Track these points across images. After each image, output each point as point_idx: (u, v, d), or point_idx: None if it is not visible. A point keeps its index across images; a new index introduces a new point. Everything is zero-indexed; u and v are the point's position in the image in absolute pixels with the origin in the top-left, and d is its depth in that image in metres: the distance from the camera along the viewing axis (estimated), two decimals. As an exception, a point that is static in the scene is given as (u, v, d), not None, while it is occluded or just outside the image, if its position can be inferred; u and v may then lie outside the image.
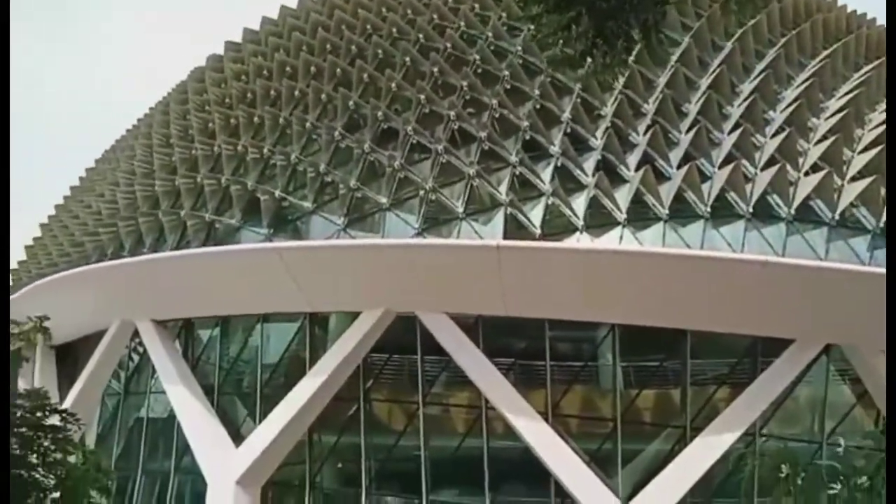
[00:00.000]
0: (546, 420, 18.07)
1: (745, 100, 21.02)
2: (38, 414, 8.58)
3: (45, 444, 8.52)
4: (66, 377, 24.69)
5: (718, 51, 22.82)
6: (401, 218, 19.50)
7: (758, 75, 21.96)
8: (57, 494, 8.85)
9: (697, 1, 22.80)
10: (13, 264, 29.04)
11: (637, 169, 19.12)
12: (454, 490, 20.06)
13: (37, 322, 9.48)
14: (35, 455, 8.40)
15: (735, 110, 20.90)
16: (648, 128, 20.11)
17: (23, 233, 29.80)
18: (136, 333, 22.66)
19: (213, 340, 22.17)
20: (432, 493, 19.24)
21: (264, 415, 19.81)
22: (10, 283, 27.99)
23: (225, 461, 19.45)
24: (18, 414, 8.49)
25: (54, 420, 8.76)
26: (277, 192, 20.56)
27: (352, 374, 19.62)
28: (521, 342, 19.56)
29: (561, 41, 6.06)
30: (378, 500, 20.25)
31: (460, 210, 18.84)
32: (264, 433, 19.29)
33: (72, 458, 8.72)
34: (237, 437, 20.18)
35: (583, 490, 17.34)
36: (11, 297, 25.08)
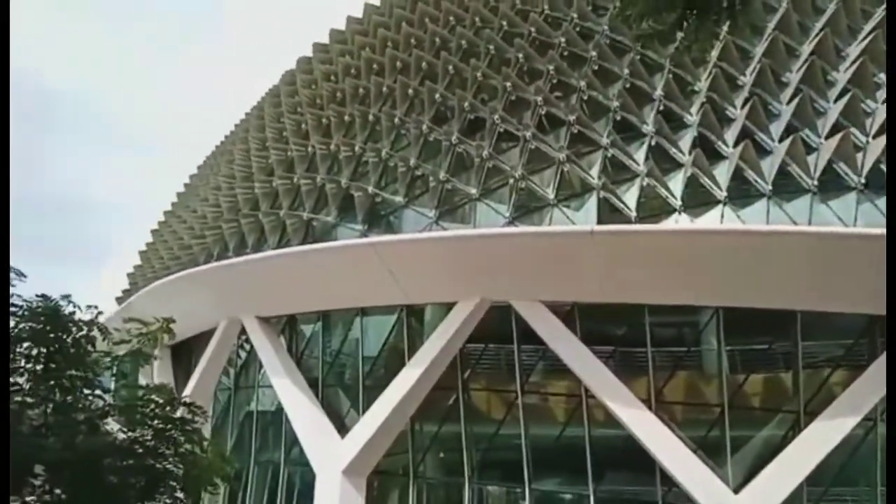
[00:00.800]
0: (649, 408, 17.63)
1: (851, 64, 19.71)
2: (168, 408, 9.10)
3: (176, 435, 9.04)
4: (182, 374, 26.16)
5: (820, 14, 21.52)
6: (491, 207, 19.45)
7: (865, 37, 20.53)
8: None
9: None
10: (129, 269, 30.99)
11: (736, 144, 18.30)
12: (557, 479, 19.92)
13: (163, 322, 10.03)
14: (167, 446, 8.95)
15: (841, 76, 19.64)
16: (746, 101, 19.19)
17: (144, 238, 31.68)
18: (243, 330, 23.71)
19: (316, 335, 22.86)
20: (535, 482, 19.17)
21: (367, 406, 20.29)
22: (128, 286, 29.87)
23: (331, 452, 20.07)
24: (151, 407, 9.08)
25: (182, 412, 9.28)
26: (370, 188, 20.94)
27: (450, 365, 19.80)
28: (619, 329, 19.13)
29: (649, 16, 5.86)
30: (481, 489, 20.37)
31: (551, 196, 18.60)
32: (367, 424, 19.75)
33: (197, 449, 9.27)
34: (342, 428, 20.77)
35: (690, 479, 16.81)
36: (130, 300, 26.76)
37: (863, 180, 17.27)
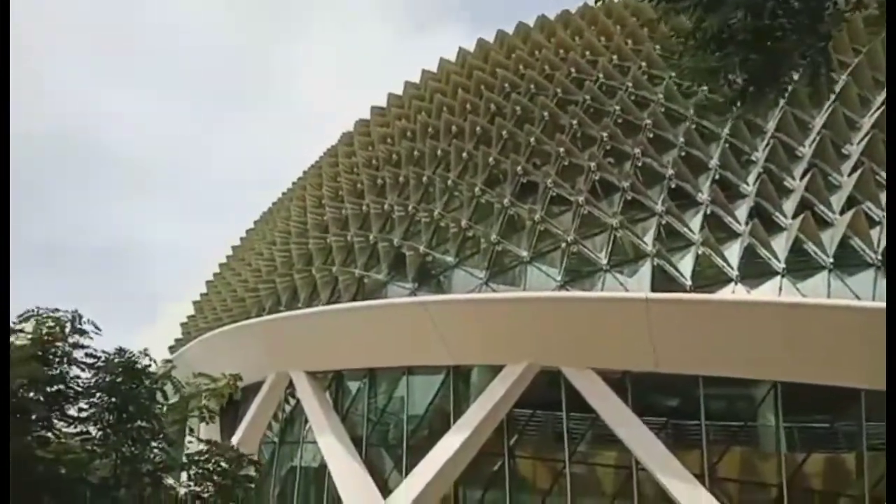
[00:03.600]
0: (703, 483, 16.99)
1: (916, 137, 19.36)
2: (232, 465, 9.22)
3: (240, 493, 9.12)
4: (227, 426, 26.26)
5: (881, 87, 21.30)
6: (542, 271, 19.41)
7: (929, 111, 20.20)
8: None
9: (855, 36, 21.49)
10: (183, 318, 31.65)
11: (795, 216, 18.01)
12: (604, 554, 19.20)
13: (230, 378, 10.24)
14: (226, 502, 9.04)
15: (905, 149, 19.29)
16: (805, 171, 18.98)
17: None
18: (290, 384, 23.82)
19: (362, 392, 22.82)
20: (581, 557, 18.51)
21: (410, 467, 20.01)
22: (181, 335, 30.46)
23: (373, 513, 19.76)
24: (215, 462, 9.19)
25: (249, 471, 9.37)
26: (422, 248, 21.15)
27: (496, 430, 19.47)
28: (672, 400, 18.65)
29: (706, 86, 5.89)
30: (525, 560, 19.74)
31: (604, 261, 18.50)
32: (411, 486, 19.43)
33: None
34: (384, 489, 20.46)
35: (747, 562, 16.03)
36: (182, 350, 27.22)
37: (929, 256, 16.72)
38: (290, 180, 33.33)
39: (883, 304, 16.06)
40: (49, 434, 9.10)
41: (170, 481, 9.31)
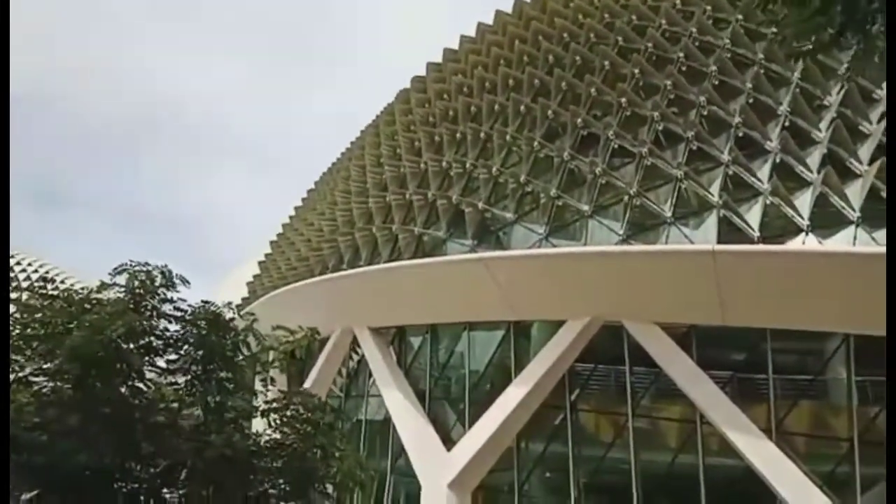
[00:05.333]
0: (770, 438, 16.74)
1: None
2: (314, 413, 9.60)
3: (323, 440, 9.50)
4: (294, 383, 27.09)
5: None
6: (604, 225, 19.13)
7: None
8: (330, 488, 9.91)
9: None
10: (249, 277, 32.56)
11: (871, 162, 17.19)
12: (667, 507, 19.21)
13: (308, 331, 10.64)
14: (311, 449, 9.43)
15: None
16: (882, 116, 18.02)
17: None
18: (354, 340, 24.36)
19: (424, 347, 23.17)
20: (644, 509, 18.57)
21: (473, 420, 20.32)
22: (247, 294, 31.38)
23: (437, 465, 20.21)
24: (297, 410, 9.61)
25: (330, 418, 9.75)
26: (480, 204, 21.09)
27: (558, 384, 19.54)
28: (739, 354, 18.29)
29: (804, 36, 5.56)
30: (587, 512, 19.93)
31: (668, 214, 18.10)
32: (473, 439, 19.78)
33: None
34: (448, 441, 20.89)
35: (816, 516, 15.80)
36: (250, 307, 28.04)
37: None
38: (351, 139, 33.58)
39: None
40: (141, 384, 9.59)
41: (253, 429, 9.73)
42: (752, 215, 17.23)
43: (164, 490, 9.61)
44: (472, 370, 21.88)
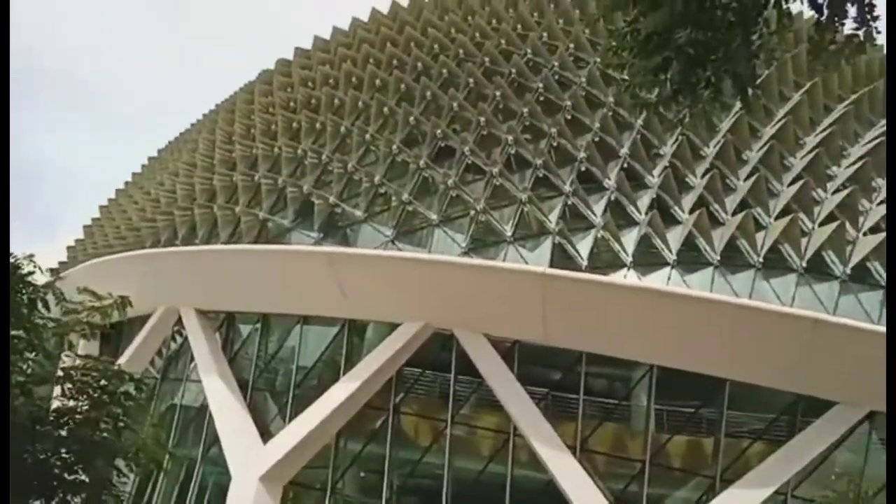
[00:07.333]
0: (574, 454, 17.88)
1: (808, 153, 20.71)
2: (112, 381, 8.81)
3: (117, 410, 8.74)
4: (108, 356, 25.33)
5: (785, 101, 22.56)
6: (449, 235, 19.65)
7: (824, 129, 21.62)
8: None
9: (771, 50, 22.53)
10: (70, 241, 30.08)
11: (692, 211, 18.96)
12: (474, 513, 19.92)
13: (117, 299, 9.77)
14: (104, 418, 8.64)
15: (797, 162, 20.61)
16: (707, 171, 19.95)
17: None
18: (179, 320, 23.19)
19: (253, 336, 22.51)
20: (451, 514, 19.13)
21: (294, 415, 20.02)
22: (66, 259, 28.96)
23: (251, 457, 19.68)
24: (92, 376, 8.76)
25: (129, 388, 8.98)
26: (331, 198, 20.91)
27: (384, 385, 19.72)
28: (555, 373, 19.40)
29: (646, 88, 5.98)
30: (396, 514, 20.22)
31: (509, 234, 18.91)
32: (292, 433, 19.48)
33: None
34: (266, 435, 20.40)
35: (604, 530, 17.05)
36: (66, 273, 25.89)
37: (804, 264, 18.06)
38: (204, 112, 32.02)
39: (756, 303, 17.27)
40: None
41: (42, 394, 8.89)
42: (584, 245, 18.42)
43: None
44: (301, 365, 21.54)
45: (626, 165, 20.10)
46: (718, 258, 18.12)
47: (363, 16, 27.94)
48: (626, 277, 18.05)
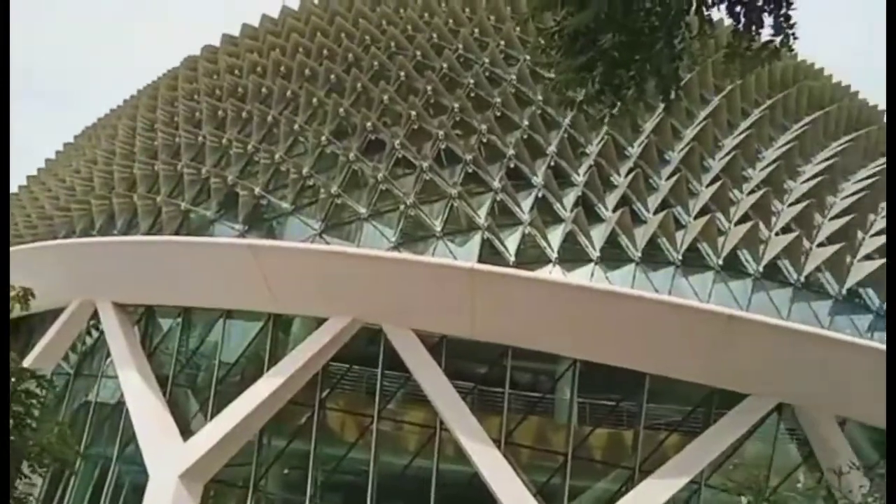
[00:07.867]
0: (498, 447, 18.06)
1: (726, 155, 21.51)
2: (14, 378, 8.34)
3: (18, 409, 8.27)
4: (17, 352, 24.07)
5: (706, 104, 23.36)
6: (378, 230, 19.53)
7: (741, 133, 22.52)
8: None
9: (693, 54, 23.26)
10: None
11: (615, 209, 19.41)
12: (399, 508, 19.90)
13: (20, 291, 9.24)
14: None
15: (716, 164, 21.38)
16: (630, 170, 20.46)
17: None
18: (94, 314, 22.26)
19: (174, 331, 21.81)
20: (376, 509, 19.06)
21: (216, 411, 19.50)
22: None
23: (170, 454, 19.07)
24: None
25: (30, 385, 8.51)
26: (257, 189, 20.47)
27: (309, 381, 19.44)
28: (482, 367, 19.54)
29: (571, 86, 6.05)
30: (321, 510, 19.99)
31: (438, 229, 18.93)
32: (214, 430, 18.97)
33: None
34: (186, 432, 19.81)
35: (527, 522, 17.29)
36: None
37: (720, 262, 18.77)
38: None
39: (675, 299, 17.84)
40: None
41: None
42: (511, 241, 18.63)
43: None
44: (224, 360, 21.00)
45: (553, 163, 20.42)
46: (640, 255, 18.63)
47: (293, 4, 27.47)
48: (552, 273, 18.34)
